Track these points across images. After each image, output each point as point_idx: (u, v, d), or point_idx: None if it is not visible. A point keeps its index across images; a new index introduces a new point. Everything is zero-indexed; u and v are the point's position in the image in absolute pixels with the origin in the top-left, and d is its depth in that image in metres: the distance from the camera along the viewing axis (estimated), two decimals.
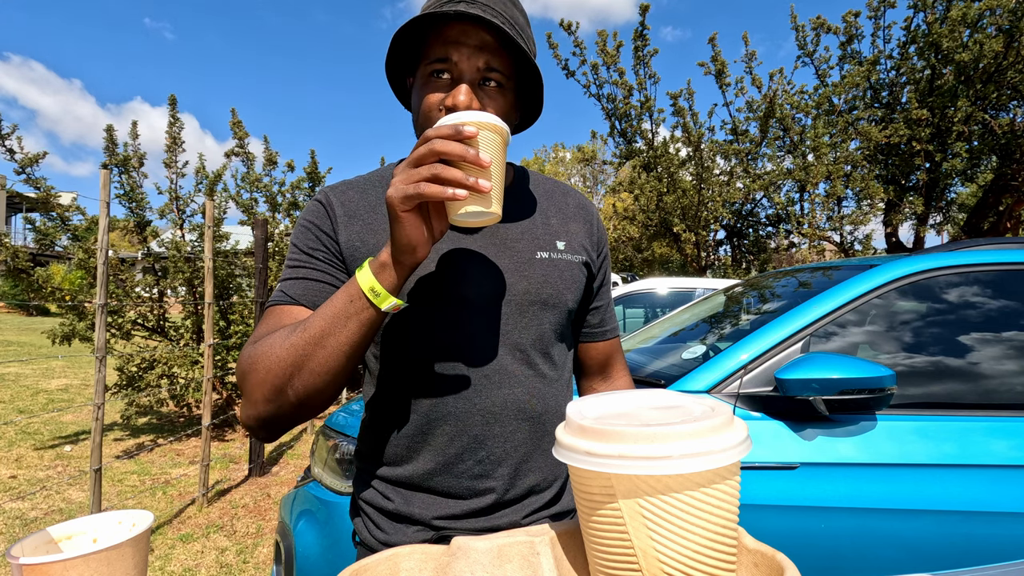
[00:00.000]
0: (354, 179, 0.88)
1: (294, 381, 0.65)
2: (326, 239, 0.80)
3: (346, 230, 0.80)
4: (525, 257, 0.83)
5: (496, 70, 0.75)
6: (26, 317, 16.98)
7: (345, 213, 0.81)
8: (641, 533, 0.35)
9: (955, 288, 1.80)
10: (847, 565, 1.46)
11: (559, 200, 0.93)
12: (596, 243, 0.93)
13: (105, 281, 2.96)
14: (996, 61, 6.44)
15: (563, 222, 0.90)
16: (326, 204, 0.82)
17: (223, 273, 5.28)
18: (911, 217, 8.05)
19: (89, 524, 0.57)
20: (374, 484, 0.82)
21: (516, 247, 0.84)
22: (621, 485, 0.36)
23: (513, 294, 0.81)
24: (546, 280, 0.83)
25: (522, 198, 0.89)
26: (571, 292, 0.86)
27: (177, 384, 4.96)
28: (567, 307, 0.85)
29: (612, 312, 1.00)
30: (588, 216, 0.94)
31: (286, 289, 0.78)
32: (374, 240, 0.80)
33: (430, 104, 0.76)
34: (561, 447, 0.38)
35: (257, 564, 2.87)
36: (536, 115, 0.88)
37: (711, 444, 0.34)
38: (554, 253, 0.86)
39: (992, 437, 1.55)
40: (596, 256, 0.93)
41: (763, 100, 7.30)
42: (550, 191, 0.93)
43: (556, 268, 0.85)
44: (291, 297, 0.76)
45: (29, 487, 3.78)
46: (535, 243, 0.85)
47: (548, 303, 0.83)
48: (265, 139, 6.34)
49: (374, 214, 0.82)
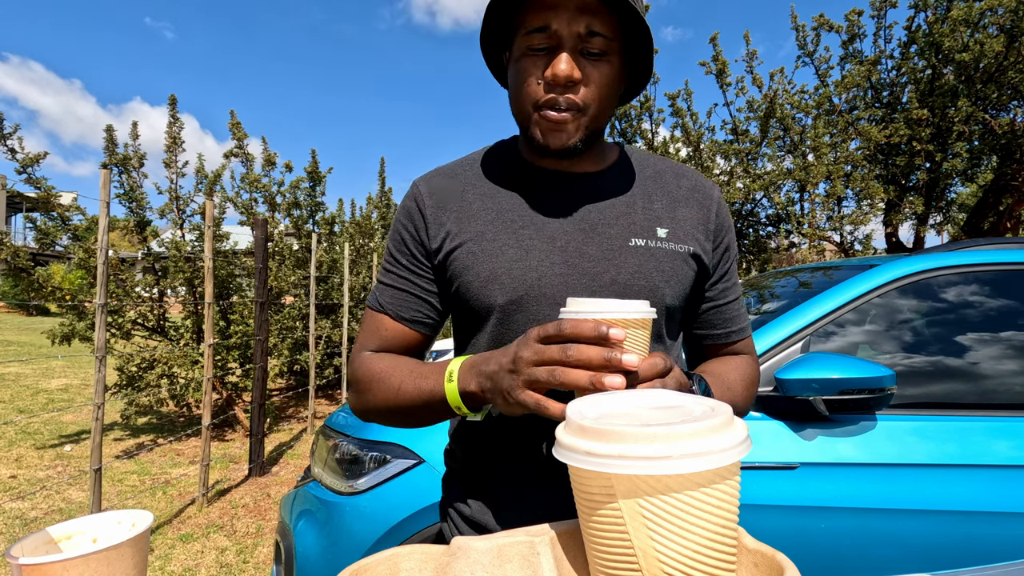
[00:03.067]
0: (444, 166, 0.85)
1: (394, 420, 0.77)
2: (412, 243, 0.79)
3: (436, 221, 0.78)
4: (616, 244, 0.75)
5: (600, 34, 0.68)
6: (26, 317, 16.98)
7: (435, 203, 0.78)
8: (641, 533, 0.35)
9: (955, 288, 1.80)
10: (847, 565, 1.46)
11: (669, 182, 0.82)
12: (713, 232, 0.81)
13: (105, 281, 2.96)
14: (997, 61, 6.44)
15: (670, 207, 0.80)
16: (416, 198, 0.80)
17: (223, 273, 5.28)
18: (911, 217, 8.04)
19: (89, 524, 0.57)
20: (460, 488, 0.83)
21: (607, 232, 0.76)
22: (621, 485, 0.36)
23: (599, 285, 0.74)
24: (639, 271, 0.75)
25: (623, 178, 0.81)
26: (670, 286, 0.76)
27: (177, 384, 4.96)
28: (664, 303, 0.76)
29: (739, 312, 0.86)
30: (705, 200, 0.82)
31: (379, 294, 0.82)
32: (466, 228, 0.77)
33: (527, 78, 0.70)
34: (561, 447, 0.38)
35: (257, 564, 2.87)
36: (644, 82, 0.80)
37: (711, 444, 0.34)
38: (652, 241, 0.76)
39: (992, 437, 1.55)
40: (712, 247, 0.81)
41: (764, 100, 7.29)
42: (660, 172, 0.84)
43: (653, 258, 0.76)
44: (380, 305, 0.81)
45: (29, 487, 3.78)
46: (630, 229, 0.76)
47: (640, 296, 0.74)
48: (263, 140, 6.34)
49: (462, 200, 0.78)
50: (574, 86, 0.69)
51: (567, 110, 0.69)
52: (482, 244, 0.75)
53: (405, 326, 0.80)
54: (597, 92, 0.70)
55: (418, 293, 0.80)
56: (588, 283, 0.74)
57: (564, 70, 0.66)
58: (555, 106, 0.69)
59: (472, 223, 0.77)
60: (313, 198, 6.56)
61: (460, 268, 0.76)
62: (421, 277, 0.80)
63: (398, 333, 0.80)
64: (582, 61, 0.68)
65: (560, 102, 0.69)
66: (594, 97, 0.70)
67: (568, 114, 0.70)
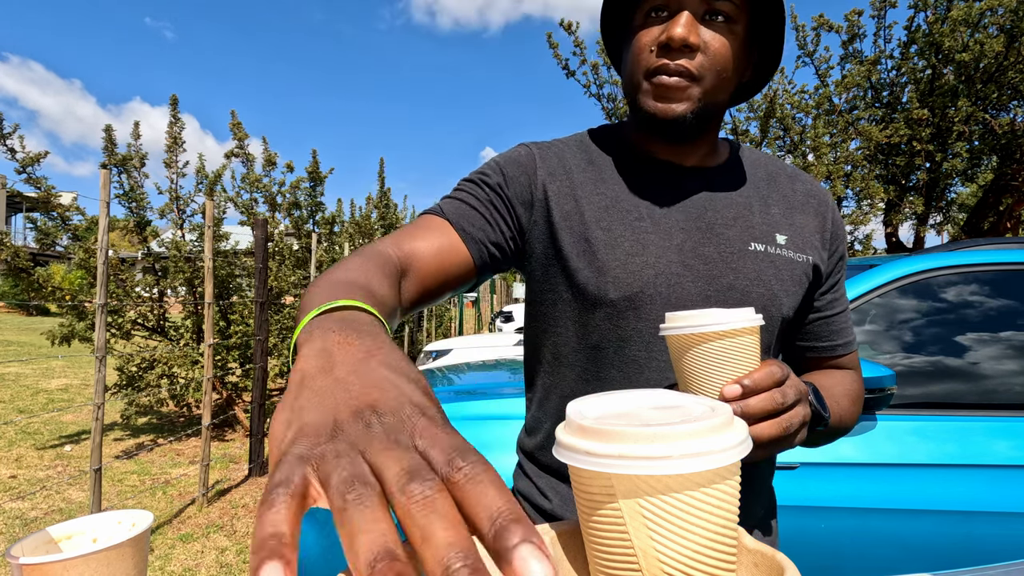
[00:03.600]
0: (547, 142, 0.79)
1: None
2: (512, 187, 0.72)
3: (543, 187, 0.73)
4: (736, 248, 0.70)
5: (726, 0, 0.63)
6: (26, 317, 16.98)
7: (547, 171, 0.74)
8: (641, 533, 0.36)
9: (955, 288, 1.80)
10: (847, 565, 1.46)
11: (784, 185, 0.78)
12: (829, 241, 0.77)
13: (105, 281, 2.96)
14: (997, 61, 6.44)
15: (787, 212, 0.75)
16: (528, 156, 0.75)
17: (223, 273, 5.28)
18: (911, 217, 8.04)
19: (89, 524, 0.57)
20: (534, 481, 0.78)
21: (726, 235, 0.71)
22: (621, 485, 0.36)
23: (715, 290, 0.69)
24: (759, 277, 0.70)
25: (736, 177, 0.76)
26: (788, 296, 0.72)
27: (177, 384, 4.96)
28: (781, 314, 0.71)
29: (846, 324, 0.81)
30: (821, 207, 0.78)
31: (444, 204, 0.72)
32: (576, 211, 0.71)
33: (642, 44, 0.66)
34: (561, 447, 0.38)
35: None
36: (771, 72, 0.74)
37: (711, 444, 0.34)
38: (772, 247, 0.72)
39: (992, 437, 1.55)
40: (828, 257, 0.77)
41: (763, 100, 7.29)
42: (773, 174, 0.79)
43: (773, 265, 0.71)
44: (441, 209, 0.71)
45: (29, 487, 3.78)
46: (749, 232, 0.72)
47: (757, 304, 0.70)
48: (264, 140, 6.34)
49: (571, 180, 0.73)
50: (690, 51, 0.64)
51: (681, 75, 0.65)
52: (596, 232, 0.70)
53: (460, 238, 0.69)
54: (714, 62, 0.65)
55: (492, 222, 0.71)
56: (704, 287, 0.69)
57: (680, 33, 0.62)
58: (666, 71, 0.65)
59: (584, 207, 0.71)
60: (314, 198, 6.57)
61: (570, 253, 0.70)
62: (501, 216, 0.72)
63: (444, 245, 0.68)
64: (702, 28, 0.64)
65: (671, 67, 0.64)
66: (711, 67, 0.65)
67: (681, 81, 0.65)
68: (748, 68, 0.72)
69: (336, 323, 0.37)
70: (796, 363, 0.83)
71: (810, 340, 0.80)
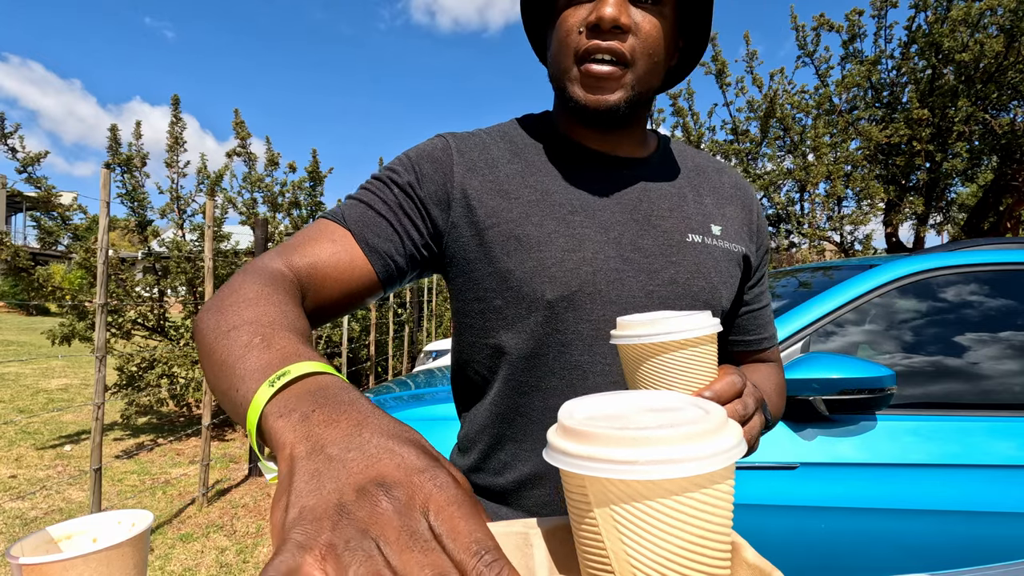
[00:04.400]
0: (469, 132, 0.74)
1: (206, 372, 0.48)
2: (424, 186, 0.66)
3: (462, 183, 0.67)
4: (674, 239, 0.68)
5: None
6: (26, 317, 16.98)
7: (466, 165, 0.68)
8: (613, 536, 0.35)
9: (955, 288, 1.80)
10: (847, 565, 1.46)
11: (712, 177, 0.76)
12: (756, 234, 0.76)
13: (105, 281, 2.96)
14: (997, 61, 6.44)
15: (719, 204, 0.74)
16: (444, 149, 0.69)
17: (224, 273, 5.28)
18: (911, 217, 8.04)
19: (89, 524, 0.57)
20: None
21: (663, 226, 0.68)
22: (593, 487, 0.35)
23: (656, 284, 0.66)
24: (699, 270, 0.68)
25: (668, 168, 0.74)
26: (726, 288, 0.70)
27: (177, 384, 4.96)
28: (721, 306, 0.69)
29: (770, 318, 0.81)
30: (748, 200, 0.77)
31: (344, 209, 0.66)
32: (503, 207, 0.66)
33: (569, 25, 0.62)
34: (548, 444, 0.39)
35: (257, 564, 2.87)
36: (695, 60, 0.71)
37: (684, 452, 0.33)
38: (708, 238, 0.70)
39: (992, 437, 1.55)
40: (756, 249, 0.76)
41: (764, 100, 7.29)
42: (700, 166, 0.77)
43: (711, 256, 0.69)
44: (343, 217, 0.65)
45: (29, 487, 3.78)
46: (686, 223, 0.69)
47: (699, 298, 0.67)
48: (267, 140, 6.34)
49: (495, 173, 0.68)
50: (621, 33, 0.61)
51: (612, 63, 0.62)
52: (526, 228, 0.65)
53: (362, 252, 0.63)
54: (647, 45, 0.62)
55: (397, 227, 0.65)
56: (645, 281, 0.66)
57: (611, 12, 0.58)
58: (598, 56, 0.61)
59: (512, 202, 0.66)
60: (314, 198, 6.57)
61: (499, 254, 0.65)
62: (411, 221, 0.66)
63: (343, 259, 0.62)
64: (632, 8, 0.61)
65: (603, 50, 0.61)
66: (643, 51, 0.62)
67: (613, 67, 0.62)
68: (675, 54, 0.69)
69: (309, 402, 0.34)
70: (724, 358, 0.80)
71: (739, 333, 0.79)
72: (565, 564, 0.46)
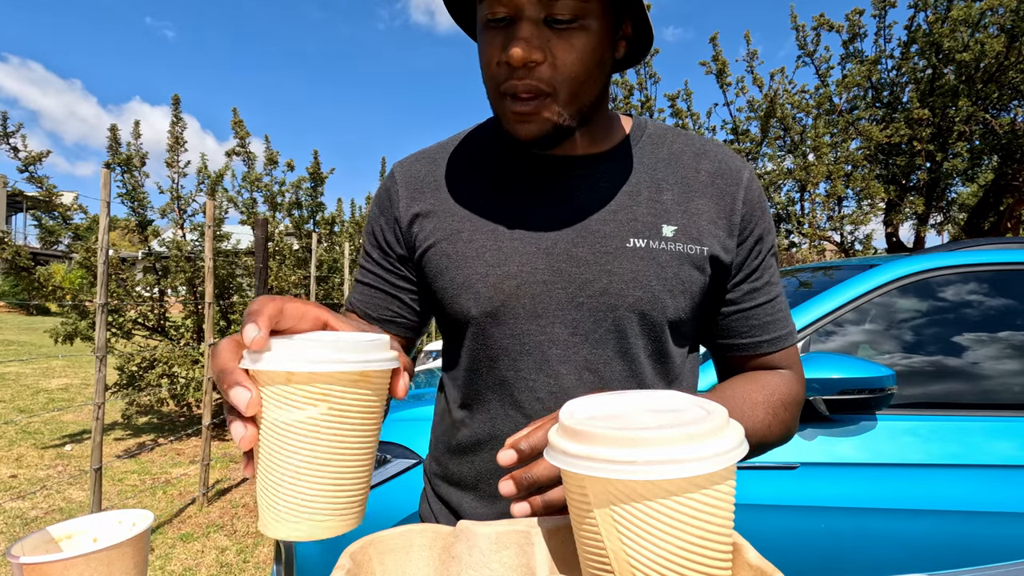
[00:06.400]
0: (426, 149, 0.75)
1: None
2: (383, 236, 0.72)
3: (408, 212, 0.70)
4: (612, 246, 0.64)
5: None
6: (26, 316, 16.99)
7: (410, 193, 0.70)
8: (612, 535, 0.35)
9: (955, 288, 1.80)
10: (847, 565, 1.46)
11: (686, 166, 0.68)
12: (739, 225, 0.67)
13: (105, 280, 2.96)
14: (997, 61, 6.43)
15: (683, 198, 0.66)
16: (390, 187, 0.72)
17: (224, 273, 5.28)
18: (911, 217, 8.04)
19: (89, 523, 0.57)
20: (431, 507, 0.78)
21: (602, 231, 0.64)
22: (592, 487, 0.36)
23: (587, 296, 0.63)
24: (636, 278, 0.63)
25: (627, 162, 0.68)
26: (674, 297, 0.64)
27: (177, 383, 4.96)
28: (665, 317, 0.64)
29: (772, 318, 0.70)
30: (730, 188, 0.67)
31: (354, 294, 0.76)
32: (440, 225, 0.68)
33: (488, 58, 0.60)
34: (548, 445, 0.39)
35: (257, 564, 2.87)
36: (646, 44, 0.66)
37: (684, 452, 0.33)
38: (655, 241, 0.64)
39: (992, 437, 1.55)
40: (736, 243, 0.67)
41: (764, 100, 7.28)
42: (676, 153, 0.69)
43: (655, 262, 0.64)
44: (350, 304, 0.76)
45: (29, 486, 3.78)
46: (629, 226, 0.64)
47: (635, 309, 0.63)
48: (266, 139, 6.35)
49: (439, 191, 0.69)
50: (536, 67, 0.57)
51: (532, 99, 0.58)
52: (456, 245, 0.66)
53: (375, 327, 0.68)
54: (569, 70, 0.58)
55: (388, 290, 0.73)
56: (574, 293, 0.63)
57: (519, 54, 0.55)
58: (515, 92, 0.58)
59: (447, 219, 0.68)
60: (314, 198, 6.57)
61: (433, 272, 0.68)
62: (392, 273, 0.72)
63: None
64: (547, 33, 0.56)
65: (519, 89, 0.58)
66: (565, 76, 0.58)
67: (533, 104, 0.58)
68: (621, 44, 0.64)
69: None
70: (723, 364, 0.75)
71: (730, 337, 0.70)
72: (566, 564, 0.46)
